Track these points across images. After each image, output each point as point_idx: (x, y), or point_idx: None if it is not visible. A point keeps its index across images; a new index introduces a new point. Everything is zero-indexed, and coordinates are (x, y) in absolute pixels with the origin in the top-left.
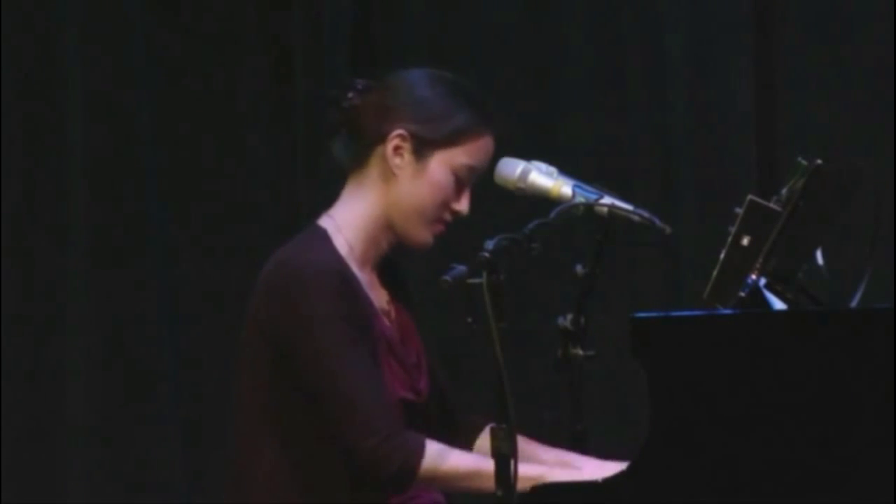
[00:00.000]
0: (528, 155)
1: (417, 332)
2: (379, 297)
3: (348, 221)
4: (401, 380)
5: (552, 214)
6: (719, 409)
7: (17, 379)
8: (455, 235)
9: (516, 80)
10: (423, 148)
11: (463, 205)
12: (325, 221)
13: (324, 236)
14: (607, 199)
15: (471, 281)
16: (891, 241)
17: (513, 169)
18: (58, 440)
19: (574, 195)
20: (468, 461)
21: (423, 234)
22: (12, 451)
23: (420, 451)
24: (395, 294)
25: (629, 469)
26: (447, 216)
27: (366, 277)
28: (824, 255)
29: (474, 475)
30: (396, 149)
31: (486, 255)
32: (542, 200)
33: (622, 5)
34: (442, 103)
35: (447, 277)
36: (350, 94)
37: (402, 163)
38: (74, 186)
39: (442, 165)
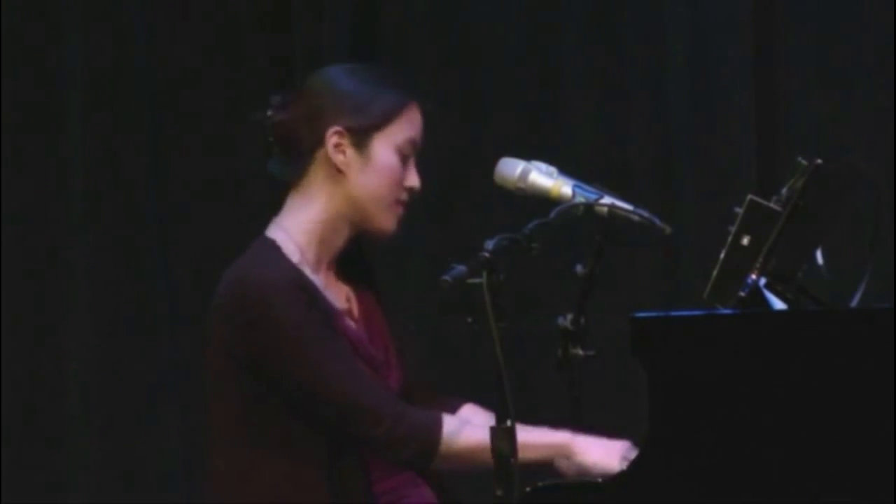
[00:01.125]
0: (528, 155)
1: (385, 323)
2: (338, 296)
3: (298, 227)
4: None
5: (552, 214)
6: (719, 408)
7: (17, 379)
8: (455, 235)
9: (516, 80)
10: (361, 137)
11: (413, 179)
12: (273, 232)
13: (273, 247)
14: (607, 199)
15: (471, 281)
16: (891, 241)
17: (513, 169)
18: (58, 440)
19: (574, 195)
20: (481, 433)
21: (385, 221)
22: (12, 451)
23: (438, 426)
24: (356, 286)
25: (629, 469)
26: (403, 196)
27: (321, 279)
28: (824, 255)
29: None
30: (337, 146)
31: (486, 255)
32: (542, 200)
33: (622, 5)
34: (364, 89)
35: (447, 277)
36: (270, 112)
37: (347, 158)
38: (74, 186)
39: (385, 147)
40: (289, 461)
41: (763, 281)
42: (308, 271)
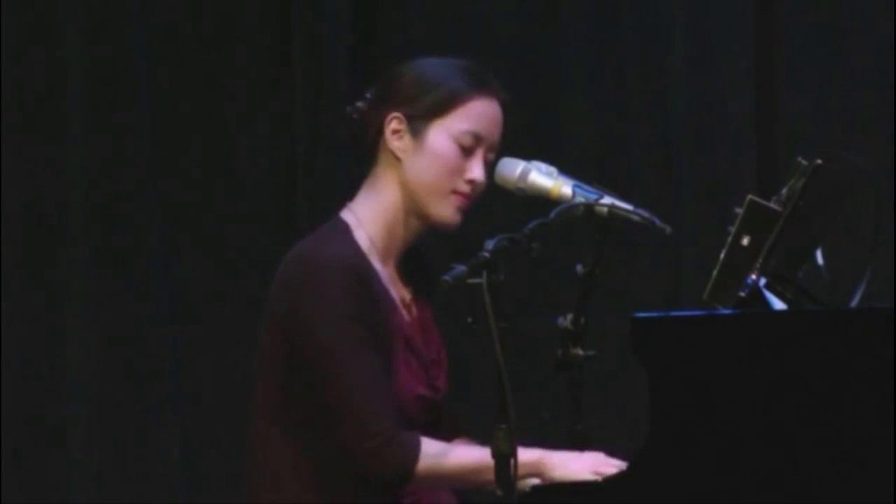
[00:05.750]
0: (528, 155)
1: (438, 334)
2: (400, 291)
3: (368, 216)
4: (418, 376)
5: (552, 214)
6: (719, 408)
7: (17, 378)
8: (455, 235)
9: (516, 80)
10: (417, 124)
11: (475, 172)
12: (346, 215)
13: (345, 230)
14: (607, 199)
15: (471, 281)
16: (891, 241)
17: (513, 169)
18: (58, 440)
19: (574, 195)
20: (472, 456)
21: (442, 210)
22: (12, 451)
23: (415, 452)
24: (418, 288)
25: (629, 469)
26: (462, 186)
27: (387, 272)
28: (824, 255)
29: (480, 469)
30: (395, 132)
31: (486, 255)
32: (542, 200)
33: (622, 5)
34: (429, 78)
35: (447, 277)
36: (359, 104)
37: (403, 144)
38: (75, 187)
39: (440, 135)
40: (315, 448)
41: (763, 281)
42: (376, 261)
